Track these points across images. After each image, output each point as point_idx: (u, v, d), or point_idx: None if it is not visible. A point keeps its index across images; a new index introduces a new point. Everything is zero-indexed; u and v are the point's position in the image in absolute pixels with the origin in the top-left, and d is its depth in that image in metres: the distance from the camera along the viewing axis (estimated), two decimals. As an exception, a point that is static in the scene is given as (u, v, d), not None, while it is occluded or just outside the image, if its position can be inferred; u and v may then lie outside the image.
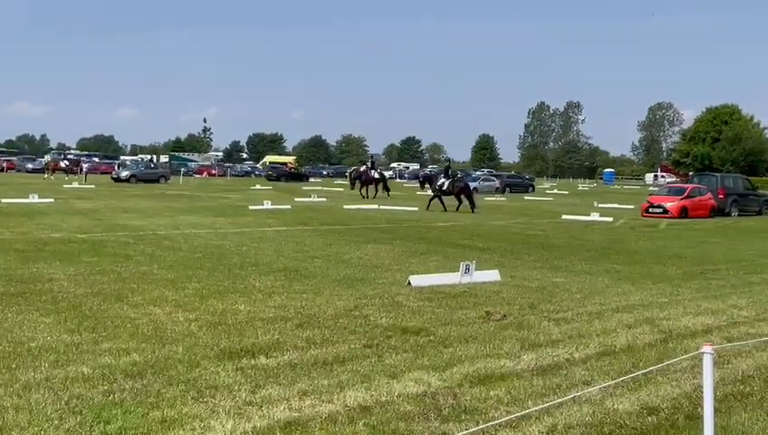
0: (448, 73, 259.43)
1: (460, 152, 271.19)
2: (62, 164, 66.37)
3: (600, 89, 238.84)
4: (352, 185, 44.06)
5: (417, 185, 45.33)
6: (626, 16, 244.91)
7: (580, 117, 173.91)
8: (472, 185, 59.40)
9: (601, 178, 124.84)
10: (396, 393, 6.20)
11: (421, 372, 6.83)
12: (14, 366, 6.59)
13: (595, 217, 29.52)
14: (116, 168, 69.57)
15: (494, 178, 65.45)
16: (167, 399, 5.85)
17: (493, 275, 12.43)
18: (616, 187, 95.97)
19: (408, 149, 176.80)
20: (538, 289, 11.66)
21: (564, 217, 30.27)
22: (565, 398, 6.11)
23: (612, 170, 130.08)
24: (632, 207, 37.77)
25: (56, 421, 5.30)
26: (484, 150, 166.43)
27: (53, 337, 7.66)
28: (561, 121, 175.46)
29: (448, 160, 43.91)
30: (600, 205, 38.80)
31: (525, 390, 6.44)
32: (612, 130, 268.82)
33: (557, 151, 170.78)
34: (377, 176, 41.83)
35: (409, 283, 11.52)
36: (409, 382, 6.51)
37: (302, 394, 6.10)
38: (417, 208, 32.74)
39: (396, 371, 6.85)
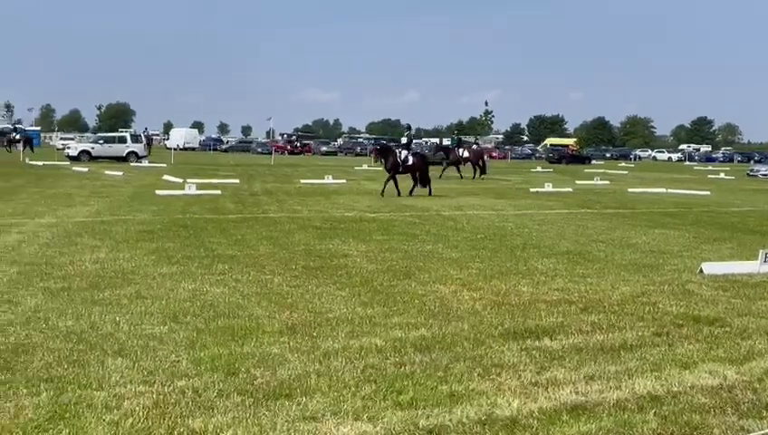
0: (748, 48, 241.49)
1: (760, 133, 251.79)
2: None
3: None
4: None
5: (710, 167, 40.77)
6: None
7: None
8: (765, 169, 55.46)
9: None
10: (688, 384, 5.91)
11: (716, 364, 6.45)
12: (315, 335, 7.10)
13: None
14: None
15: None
16: (454, 374, 6.01)
17: (797, 265, 11.41)
18: None
19: (699, 131, 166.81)
20: None
21: None
22: None
23: None
24: None
25: (353, 388, 5.63)
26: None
27: (349, 309, 8.15)
28: None
29: (409, 129, 30.45)
30: None
31: (837, 391, 5.87)
32: None
33: None
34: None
35: (701, 270, 10.89)
36: (703, 374, 6.18)
37: (589, 379, 6.00)
38: (709, 193, 30.85)
39: (688, 361, 6.53)
